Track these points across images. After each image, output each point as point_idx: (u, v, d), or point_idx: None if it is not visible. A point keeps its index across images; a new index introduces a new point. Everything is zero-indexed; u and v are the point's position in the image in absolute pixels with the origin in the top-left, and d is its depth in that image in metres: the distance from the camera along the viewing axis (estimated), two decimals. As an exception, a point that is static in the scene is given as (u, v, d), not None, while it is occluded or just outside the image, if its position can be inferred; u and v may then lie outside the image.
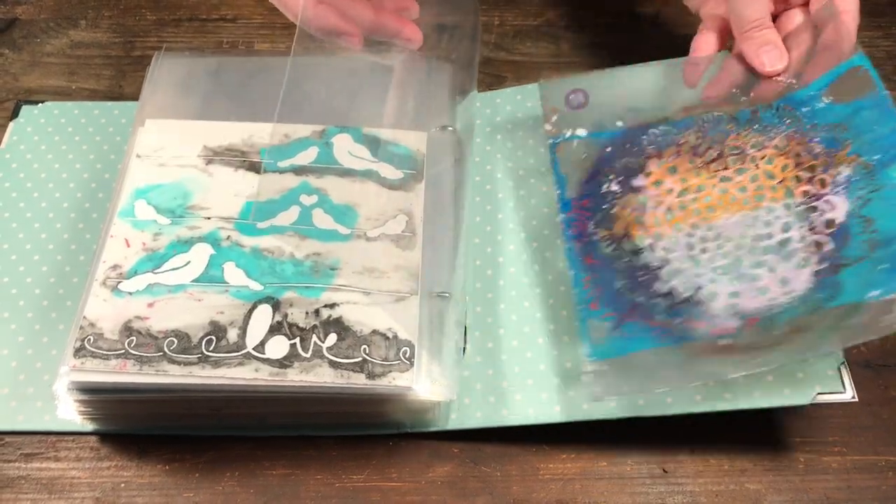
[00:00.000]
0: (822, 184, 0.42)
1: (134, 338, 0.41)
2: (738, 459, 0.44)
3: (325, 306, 0.43)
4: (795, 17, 0.49)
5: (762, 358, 0.38)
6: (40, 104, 0.56)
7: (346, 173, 0.48)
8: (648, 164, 0.47)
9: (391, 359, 0.41)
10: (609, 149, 0.48)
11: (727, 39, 0.50)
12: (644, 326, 0.42)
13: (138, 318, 0.42)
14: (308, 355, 0.41)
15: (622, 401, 0.42)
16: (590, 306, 0.43)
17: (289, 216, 0.46)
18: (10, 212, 0.51)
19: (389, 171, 0.48)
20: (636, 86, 0.50)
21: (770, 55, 0.47)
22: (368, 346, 0.42)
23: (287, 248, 0.45)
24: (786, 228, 0.42)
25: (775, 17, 0.49)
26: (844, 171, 0.42)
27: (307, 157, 0.49)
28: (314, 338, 0.42)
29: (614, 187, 0.46)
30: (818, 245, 0.41)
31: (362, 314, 0.43)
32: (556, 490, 0.43)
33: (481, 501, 0.42)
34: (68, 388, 0.40)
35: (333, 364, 0.41)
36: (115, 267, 0.44)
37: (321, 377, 0.40)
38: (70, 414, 0.42)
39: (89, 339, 0.41)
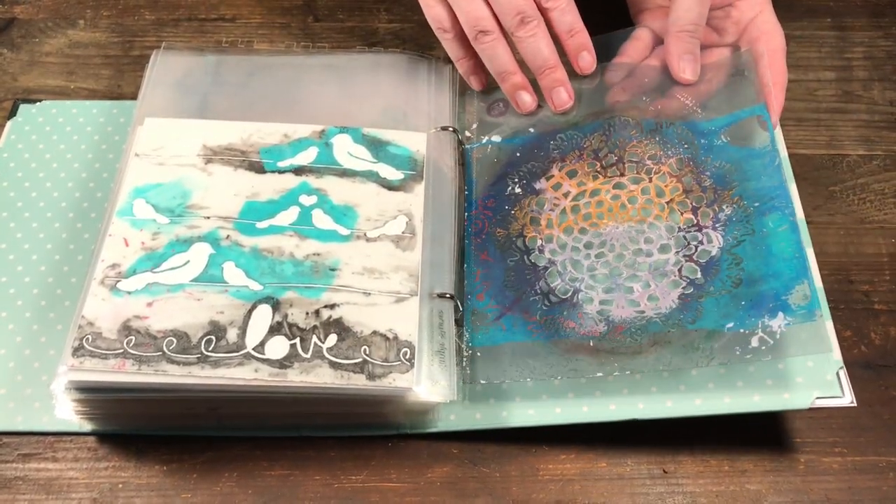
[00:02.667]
0: (705, 217, 0.45)
1: (133, 337, 0.41)
2: (738, 460, 0.44)
3: (326, 307, 0.43)
4: (718, 54, 0.50)
5: (620, 364, 0.42)
6: (38, 103, 0.56)
7: (346, 174, 0.48)
8: (551, 168, 0.49)
9: (391, 360, 0.41)
10: (518, 153, 0.50)
11: (652, 50, 0.52)
12: (522, 321, 0.44)
13: (137, 317, 0.42)
14: (308, 356, 0.41)
15: (621, 403, 0.42)
16: (476, 297, 0.45)
17: (288, 216, 0.46)
18: (7, 211, 0.51)
19: (389, 172, 0.48)
20: None
21: (689, 63, 0.49)
22: (368, 346, 0.41)
23: (287, 248, 0.45)
24: (664, 250, 0.45)
25: (704, 47, 0.51)
26: (726, 210, 0.45)
27: (307, 157, 0.49)
28: (314, 338, 0.42)
29: (517, 190, 0.48)
30: (690, 272, 0.44)
31: (362, 315, 0.42)
32: (556, 491, 0.43)
33: (480, 502, 0.42)
34: (66, 388, 0.40)
35: (333, 365, 0.41)
36: (113, 266, 0.44)
37: (321, 378, 0.40)
38: (68, 414, 0.42)
39: (88, 339, 0.41)
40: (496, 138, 0.51)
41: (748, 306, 0.42)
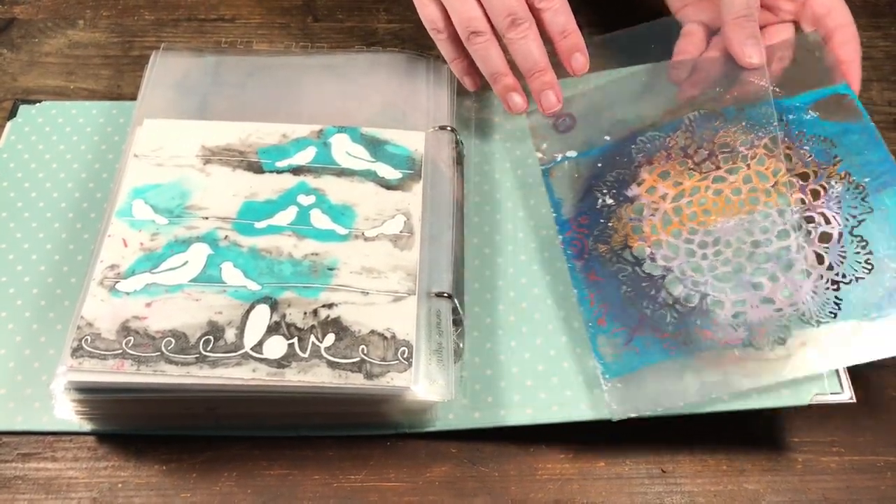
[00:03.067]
0: (816, 195, 0.43)
1: (132, 338, 0.41)
2: (736, 460, 0.44)
3: (324, 306, 0.43)
4: (781, 32, 0.50)
5: (772, 372, 0.39)
6: (38, 104, 0.56)
7: (344, 173, 0.48)
8: (640, 173, 0.47)
9: (389, 359, 0.41)
10: (600, 164, 0.48)
11: (708, 43, 0.51)
12: (654, 339, 0.42)
13: (136, 318, 0.42)
14: (306, 355, 0.41)
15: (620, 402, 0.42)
16: (598, 322, 0.43)
17: (286, 216, 0.46)
18: (7, 211, 0.51)
19: (387, 171, 0.48)
20: (618, 97, 0.50)
21: (754, 48, 0.47)
22: (366, 346, 0.42)
23: (285, 248, 0.45)
24: (782, 236, 0.42)
25: (762, 27, 0.50)
26: (837, 187, 0.42)
27: (305, 156, 0.49)
28: (312, 338, 0.42)
29: (609, 201, 0.46)
30: (817, 258, 0.41)
31: (360, 314, 0.43)
32: (554, 490, 0.43)
33: (479, 502, 0.42)
34: (65, 388, 0.40)
35: (331, 364, 0.41)
36: (112, 267, 0.44)
37: (319, 377, 0.40)
38: (67, 414, 0.42)
39: (87, 339, 0.41)
40: (571, 153, 0.49)
41: (887, 294, 0.39)
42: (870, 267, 0.40)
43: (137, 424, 0.44)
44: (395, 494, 0.42)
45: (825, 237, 0.42)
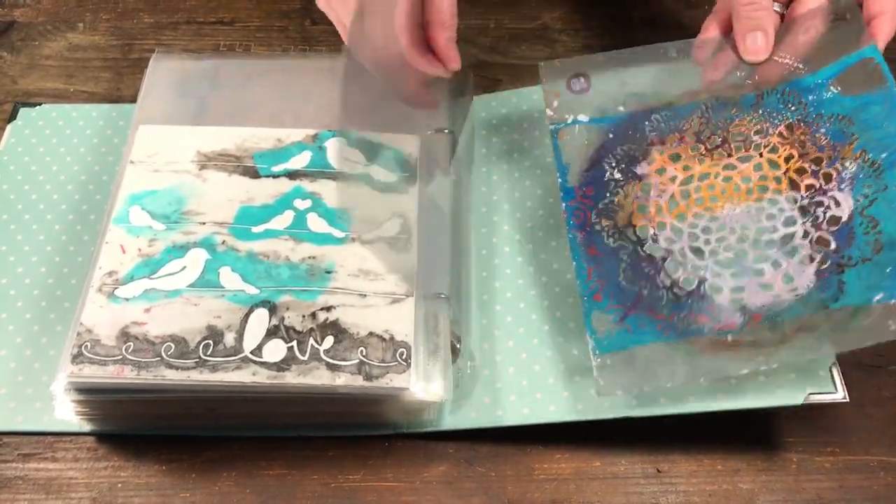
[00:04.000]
0: (828, 178, 0.42)
1: (131, 343, 0.41)
2: (731, 459, 0.44)
3: (322, 309, 0.43)
4: (810, 1, 0.46)
5: (766, 356, 0.38)
6: (38, 107, 0.57)
7: (340, 177, 0.48)
8: (651, 152, 0.46)
9: (388, 360, 0.42)
10: (611, 135, 0.46)
11: None
12: (648, 319, 0.41)
13: (135, 323, 0.42)
14: (305, 358, 0.41)
15: (616, 400, 0.43)
16: (594, 297, 0.42)
17: (283, 220, 0.46)
18: (7, 214, 0.51)
19: (383, 175, 0.49)
20: (639, 70, 0.48)
21: (756, 42, 0.45)
22: (365, 347, 0.42)
23: (282, 252, 0.45)
24: (789, 223, 0.42)
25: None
26: (850, 167, 0.41)
27: (300, 161, 0.49)
28: (311, 341, 0.42)
29: (617, 175, 0.45)
30: (822, 242, 0.41)
31: (359, 316, 0.43)
32: (551, 490, 0.43)
33: (476, 501, 0.43)
34: (66, 389, 0.40)
35: (331, 366, 0.41)
36: (111, 273, 0.44)
37: (319, 379, 0.41)
38: (68, 414, 0.43)
39: (86, 346, 0.41)
40: (583, 118, 0.47)
41: (894, 272, 0.38)
42: (879, 247, 0.39)
43: (137, 425, 0.44)
44: (393, 494, 0.43)
45: (834, 220, 0.41)
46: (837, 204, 0.41)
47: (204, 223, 0.46)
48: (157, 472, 0.43)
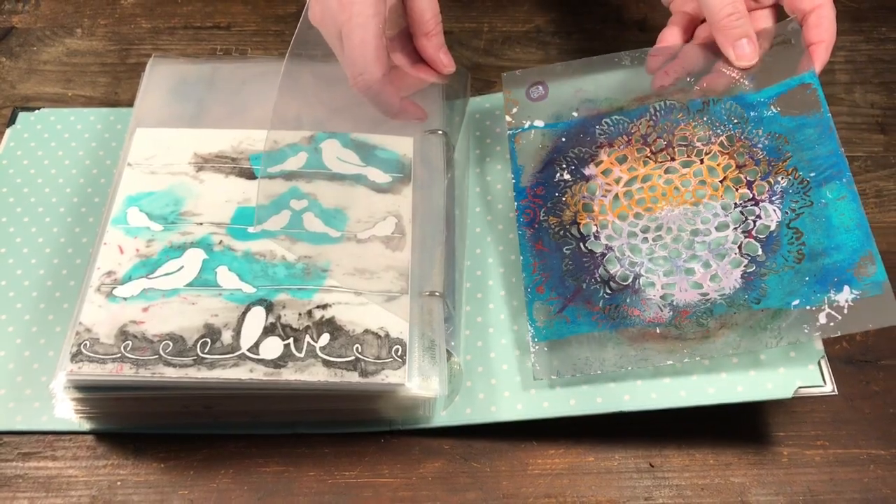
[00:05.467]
0: (760, 190, 0.44)
1: (130, 342, 0.42)
2: (723, 454, 0.45)
3: (318, 307, 0.44)
4: (762, 20, 0.49)
5: (690, 350, 0.42)
6: (36, 111, 0.57)
7: (335, 178, 0.49)
8: (600, 154, 0.48)
9: (383, 357, 0.42)
10: (563, 139, 0.49)
11: (692, 34, 0.51)
12: (586, 311, 0.44)
13: (133, 322, 0.43)
14: (302, 355, 0.42)
15: (609, 396, 0.43)
16: (536, 290, 0.45)
17: (280, 220, 0.47)
18: (7, 216, 0.52)
19: (377, 175, 0.49)
20: (593, 77, 0.51)
21: (744, 49, 0.47)
22: (361, 344, 0.42)
23: (279, 252, 0.46)
24: (721, 227, 0.44)
25: None
26: (781, 182, 0.44)
27: (296, 162, 0.50)
28: (307, 338, 0.43)
29: (566, 176, 0.48)
30: (750, 248, 0.43)
31: (354, 314, 0.44)
32: (545, 485, 0.44)
33: (471, 496, 0.43)
34: (65, 386, 0.41)
35: (327, 363, 0.42)
36: (109, 273, 0.45)
37: (315, 376, 0.41)
38: (67, 413, 0.43)
39: (85, 344, 0.42)
40: (539, 123, 0.50)
41: (812, 282, 0.41)
42: (801, 258, 0.42)
43: (136, 423, 0.45)
44: (389, 490, 0.43)
45: (763, 229, 0.44)
46: (767, 215, 0.44)
47: (201, 224, 0.47)
48: (156, 470, 0.44)
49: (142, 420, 0.44)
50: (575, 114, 0.50)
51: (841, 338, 0.49)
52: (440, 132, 0.52)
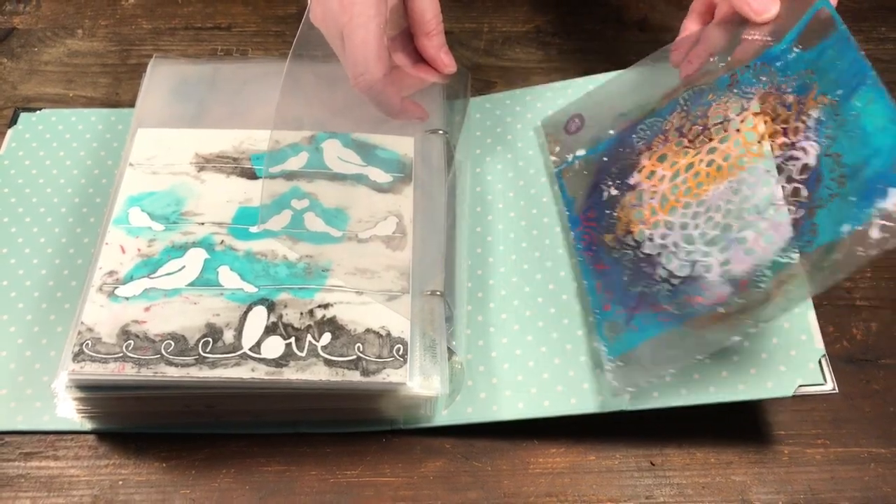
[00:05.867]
0: (796, 132, 0.43)
1: (132, 341, 0.42)
2: (724, 452, 0.45)
3: (319, 306, 0.44)
4: None
5: (753, 318, 0.40)
6: (38, 111, 0.57)
7: (336, 177, 0.49)
8: (640, 160, 0.48)
9: (385, 356, 0.42)
10: (605, 158, 0.50)
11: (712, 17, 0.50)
12: (651, 314, 0.43)
13: (135, 322, 0.43)
14: (303, 354, 0.42)
15: (610, 395, 0.43)
16: (603, 308, 0.45)
17: (281, 220, 0.47)
18: (8, 217, 0.52)
19: (378, 175, 0.49)
20: (620, 92, 0.51)
21: (759, 2, 0.45)
22: (362, 344, 0.43)
23: (280, 251, 0.46)
24: (766, 185, 0.43)
25: None
26: (814, 114, 0.42)
27: (297, 162, 0.50)
28: (309, 337, 0.43)
29: (613, 192, 0.48)
30: (795, 193, 0.42)
31: (356, 313, 0.44)
32: (546, 483, 0.44)
33: (473, 496, 0.43)
34: (67, 385, 0.41)
35: (328, 362, 0.42)
36: (111, 273, 0.45)
37: (317, 375, 0.41)
38: (69, 413, 0.43)
39: (87, 344, 0.42)
40: (581, 152, 0.51)
41: (859, 200, 0.38)
42: (843, 181, 0.40)
43: (137, 422, 0.45)
44: (391, 489, 0.43)
45: (805, 169, 0.42)
46: (806, 153, 0.42)
47: (203, 223, 0.47)
48: (158, 470, 0.44)
49: (143, 419, 0.45)
50: (612, 132, 0.50)
51: (841, 336, 0.49)
52: (441, 132, 0.52)
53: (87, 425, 0.44)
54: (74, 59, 0.62)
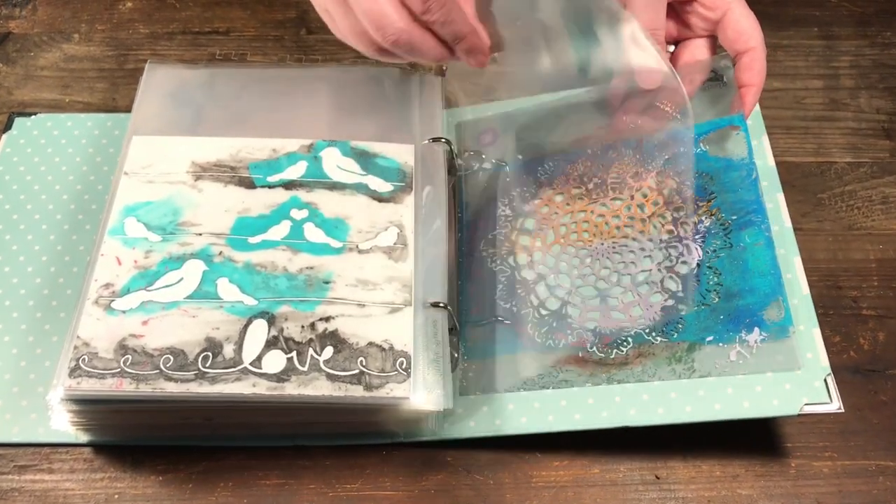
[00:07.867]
0: (685, 228, 0.47)
1: (129, 356, 0.41)
2: (729, 465, 0.44)
3: (321, 319, 0.43)
4: (697, 50, 0.49)
5: (608, 374, 0.44)
6: (33, 116, 0.56)
7: (336, 187, 0.48)
8: (540, 192, 0.50)
9: (388, 370, 0.42)
10: (508, 179, 0.51)
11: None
12: (514, 333, 0.46)
13: (133, 336, 0.42)
14: (305, 369, 0.41)
15: (613, 410, 0.43)
16: (471, 312, 0.47)
17: (280, 231, 0.46)
18: (3, 223, 0.51)
19: (379, 184, 0.49)
20: (537, 122, 0.53)
21: (647, 75, 0.45)
22: (365, 357, 0.42)
23: (280, 263, 0.45)
24: (646, 262, 0.47)
25: (676, 42, 0.50)
26: (705, 222, 0.46)
27: (296, 171, 0.49)
28: (311, 351, 0.42)
29: (507, 212, 0.50)
30: (672, 283, 0.46)
31: (357, 326, 0.43)
32: (549, 497, 0.43)
33: (475, 510, 0.43)
34: (62, 399, 0.40)
35: (331, 377, 0.41)
36: (107, 285, 0.44)
37: (319, 390, 0.41)
38: (64, 425, 0.42)
39: (84, 359, 0.41)
40: (487, 165, 0.52)
41: (726, 320, 0.44)
42: (717, 297, 0.44)
43: (134, 435, 0.44)
44: (391, 503, 0.43)
45: (683, 267, 0.46)
46: (689, 253, 0.46)
47: (200, 234, 0.46)
48: (154, 483, 0.43)
49: (140, 432, 0.44)
50: (520, 156, 0.52)
51: (848, 347, 0.48)
52: (442, 140, 0.51)
53: (83, 438, 0.44)
54: (71, 64, 0.62)
